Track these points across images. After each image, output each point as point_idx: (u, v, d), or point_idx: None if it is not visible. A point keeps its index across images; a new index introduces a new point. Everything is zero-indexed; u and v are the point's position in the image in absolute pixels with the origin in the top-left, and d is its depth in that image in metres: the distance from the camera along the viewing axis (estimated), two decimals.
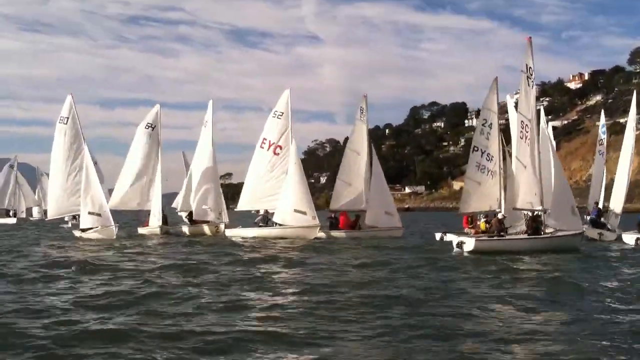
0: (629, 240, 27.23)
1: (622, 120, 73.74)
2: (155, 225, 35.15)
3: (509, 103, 35.33)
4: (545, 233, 24.09)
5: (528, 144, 24.21)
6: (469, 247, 22.92)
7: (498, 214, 25.38)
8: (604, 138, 34.54)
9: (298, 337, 9.46)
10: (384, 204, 33.61)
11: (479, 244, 23.05)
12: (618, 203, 30.00)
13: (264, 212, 33.71)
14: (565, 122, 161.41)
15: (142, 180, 36.52)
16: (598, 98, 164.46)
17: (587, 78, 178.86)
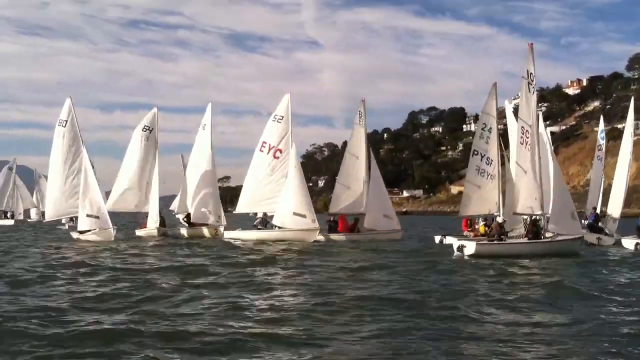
0: (629, 245, 27.19)
1: (619, 126, 73.91)
2: (153, 227, 35.12)
3: (507, 108, 35.34)
4: (545, 237, 24.09)
5: (528, 150, 24.20)
6: (470, 250, 22.89)
7: (498, 218, 25.36)
8: (603, 144, 34.61)
9: (296, 338, 9.42)
10: (383, 207, 33.71)
11: (480, 248, 23.01)
12: (616, 208, 30.01)
13: (263, 214, 33.76)
14: (564, 127, 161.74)
15: (139, 183, 36.57)
16: (596, 104, 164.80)
17: (585, 84, 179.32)
